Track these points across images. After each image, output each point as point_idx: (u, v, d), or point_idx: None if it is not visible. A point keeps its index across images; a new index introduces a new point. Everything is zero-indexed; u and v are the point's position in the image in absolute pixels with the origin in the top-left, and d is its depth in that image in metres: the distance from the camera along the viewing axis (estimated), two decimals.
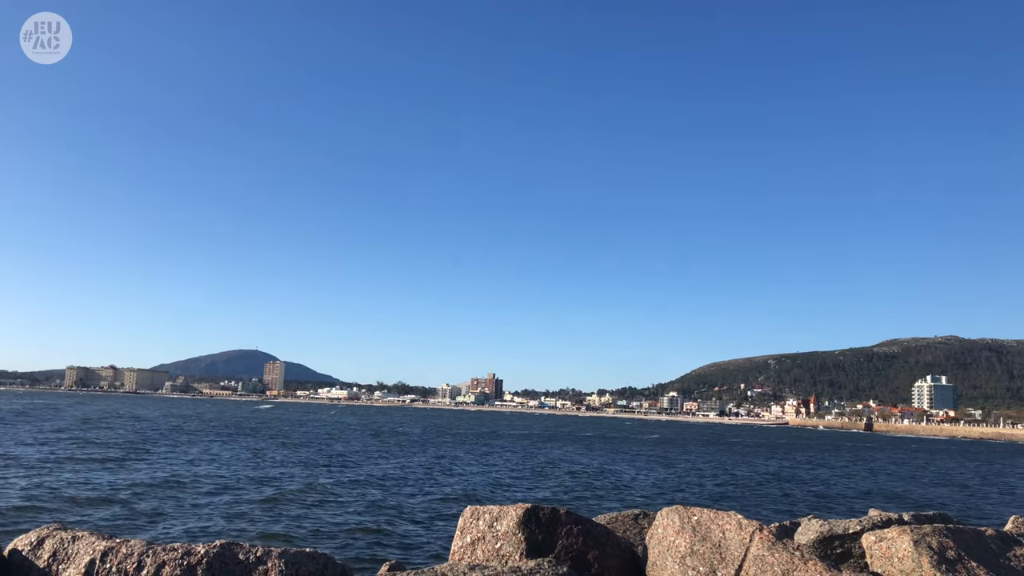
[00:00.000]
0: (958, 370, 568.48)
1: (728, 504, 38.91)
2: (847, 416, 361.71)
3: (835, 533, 9.52)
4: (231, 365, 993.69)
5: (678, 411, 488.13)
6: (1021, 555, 8.33)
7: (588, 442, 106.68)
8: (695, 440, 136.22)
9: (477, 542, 8.88)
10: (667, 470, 62.25)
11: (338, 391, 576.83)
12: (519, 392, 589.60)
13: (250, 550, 6.12)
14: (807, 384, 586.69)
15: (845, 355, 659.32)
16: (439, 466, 54.50)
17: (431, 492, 38.30)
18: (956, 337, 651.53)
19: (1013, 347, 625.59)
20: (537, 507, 8.96)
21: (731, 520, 8.21)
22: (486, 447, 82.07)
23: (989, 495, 53.66)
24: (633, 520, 10.87)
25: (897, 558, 7.83)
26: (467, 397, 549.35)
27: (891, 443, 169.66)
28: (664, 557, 8.47)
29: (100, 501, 29.79)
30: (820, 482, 57.69)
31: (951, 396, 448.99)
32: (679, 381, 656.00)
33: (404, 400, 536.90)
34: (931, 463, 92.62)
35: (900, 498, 48.39)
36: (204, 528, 24.70)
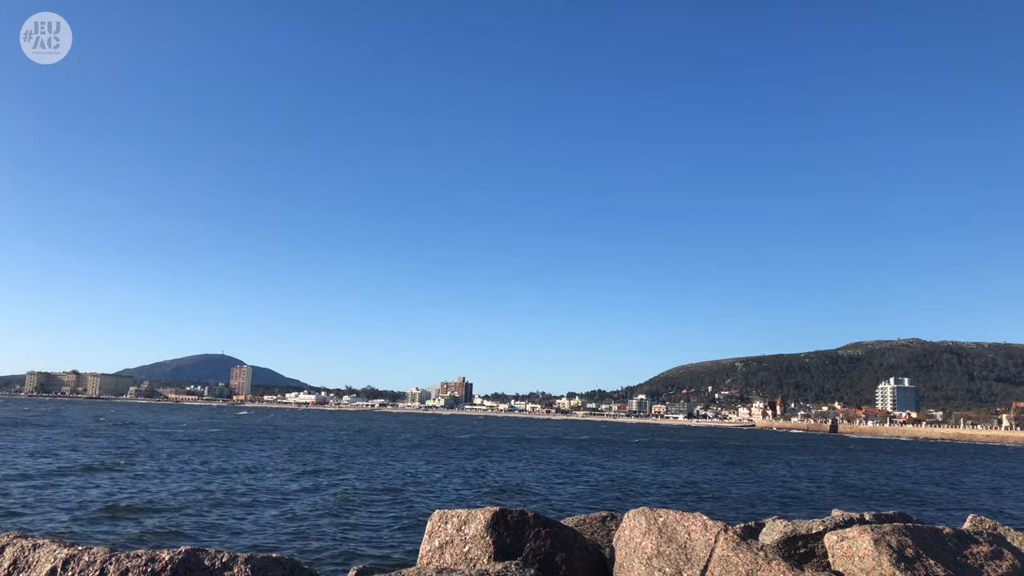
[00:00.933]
0: (920, 372, 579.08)
1: (696, 505, 39.25)
2: (813, 418, 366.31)
3: (799, 533, 9.66)
4: (197, 370, 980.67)
5: (647, 414, 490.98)
6: (977, 553, 8.53)
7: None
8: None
9: (445, 546, 8.89)
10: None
11: (306, 395, 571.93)
12: (489, 396, 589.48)
13: (216, 555, 6.08)
14: (774, 386, 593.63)
15: (811, 358, 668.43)
16: (424, 468, 54.34)
17: (410, 496, 38.16)
18: (918, 340, 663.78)
19: (973, 349, 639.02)
20: (505, 510, 9.00)
21: (696, 521, 8.31)
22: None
23: (948, 495, 54.69)
24: (601, 522, 10.95)
25: (858, 557, 7.98)
26: (437, 401, 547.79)
27: (855, 444, 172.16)
28: (631, 558, 8.54)
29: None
30: (785, 483, 58.38)
31: (913, 398, 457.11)
32: (648, 384, 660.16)
33: (373, 404, 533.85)
34: (894, 464, 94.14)
35: (863, 498, 49.13)
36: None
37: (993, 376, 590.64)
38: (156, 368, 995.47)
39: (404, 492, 40.26)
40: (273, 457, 62.60)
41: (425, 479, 48.41)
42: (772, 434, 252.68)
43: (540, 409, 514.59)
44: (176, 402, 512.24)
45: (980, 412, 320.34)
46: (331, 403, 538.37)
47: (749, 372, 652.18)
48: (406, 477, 49.07)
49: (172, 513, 29.29)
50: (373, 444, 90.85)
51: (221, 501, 33.24)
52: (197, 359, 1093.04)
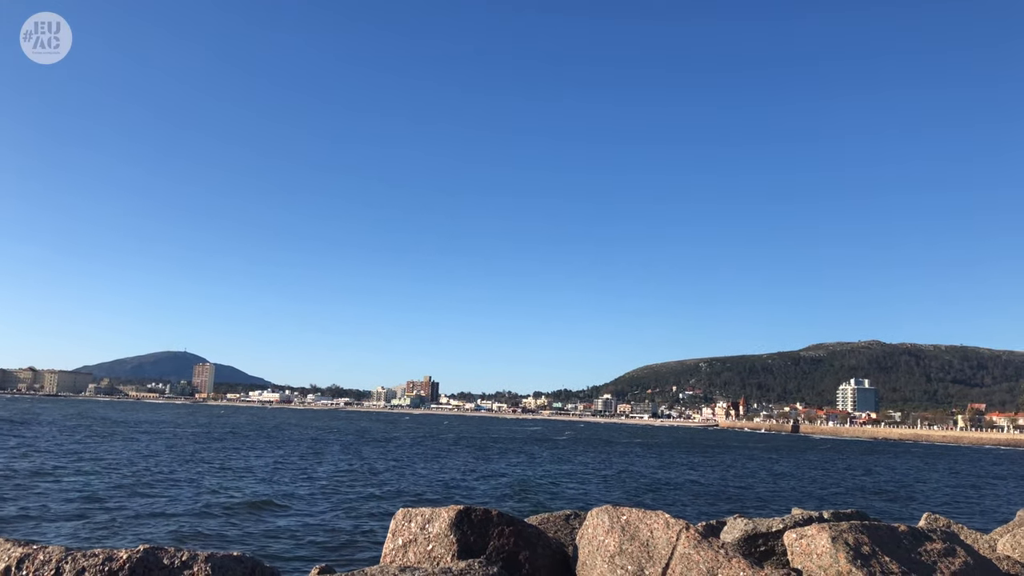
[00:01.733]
0: (880, 373, 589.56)
1: (660, 504, 39.57)
2: (775, 418, 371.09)
3: (759, 531, 9.81)
4: (159, 367, 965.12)
5: (612, 413, 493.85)
6: (931, 550, 8.72)
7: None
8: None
9: (409, 544, 8.87)
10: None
11: (270, 394, 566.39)
12: (455, 395, 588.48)
13: (175, 554, 6.00)
14: (737, 387, 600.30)
15: (773, 359, 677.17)
16: (398, 468, 54.06)
17: (373, 494, 37.95)
18: (878, 342, 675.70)
19: (930, 351, 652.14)
20: (470, 509, 9.01)
21: (659, 519, 8.39)
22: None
23: (905, 494, 55.76)
24: (564, 520, 11.01)
25: (816, 554, 8.12)
26: (402, 400, 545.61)
27: (816, 444, 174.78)
28: (594, 557, 8.60)
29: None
30: (747, 482, 59.08)
31: (873, 398, 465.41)
32: (613, 383, 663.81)
33: (338, 403, 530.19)
34: (853, 463, 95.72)
35: (822, 497, 49.90)
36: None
37: (949, 378, 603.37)
38: (116, 365, 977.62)
39: (377, 487, 40.06)
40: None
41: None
42: (735, 434, 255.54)
43: (507, 408, 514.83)
44: (137, 399, 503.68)
45: (937, 413, 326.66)
46: (295, 402, 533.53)
47: (713, 372, 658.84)
48: (383, 474, 48.83)
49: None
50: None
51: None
52: (159, 356, 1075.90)
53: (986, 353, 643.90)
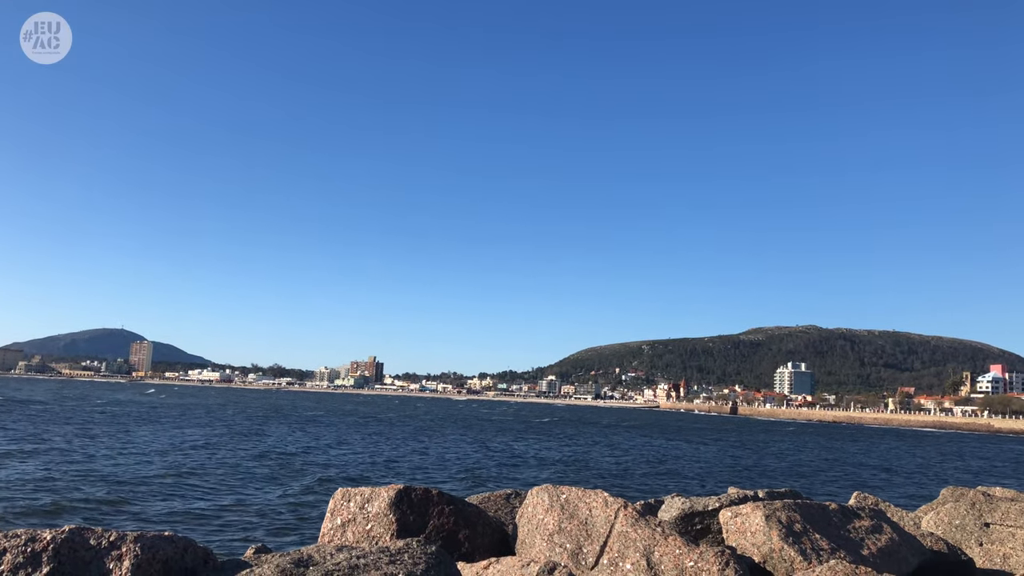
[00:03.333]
0: (816, 357, 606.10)
1: (600, 482, 40.10)
2: (714, 400, 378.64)
3: (695, 510, 9.96)
4: (94, 344, 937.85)
5: (556, 394, 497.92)
6: (859, 527, 8.99)
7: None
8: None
9: (347, 524, 8.79)
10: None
11: (210, 373, 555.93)
12: (400, 375, 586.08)
13: (103, 535, 5.81)
14: (678, 369, 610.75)
15: (714, 342, 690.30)
16: (330, 444, 53.57)
17: (311, 475, 37.59)
18: (815, 326, 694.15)
19: (864, 336, 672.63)
20: (409, 488, 8.96)
21: (597, 498, 8.46)
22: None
23: (838, 473, 57.57)
24: (505, 500, 11.04)
25: (750, 532, 8.29)
26: (346, 380, 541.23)
27: (754, 425, 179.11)
28: (533, 535, 8.64)
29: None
30: (686, 462, 60.25)
31: (809, 382, 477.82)
32: (558, 365, 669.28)
33: (280, 383, 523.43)
34: (789, 444, 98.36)
35: (758, 477, 51.20)
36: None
37: (882, 362, 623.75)
38: (49, 342, 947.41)
39: (311, 467, 39.70)
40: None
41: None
42: (676, 415, 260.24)
43: (452, 389, 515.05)
44: (70, 378, 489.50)
45: (869, 396, 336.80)
46: (236, 381, 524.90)
47: (655, 355, 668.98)
48: (314, 452, 48.39)
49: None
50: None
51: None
52: (94, 333, 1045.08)
53: (916, 339, 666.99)
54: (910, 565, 8.80)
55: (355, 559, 5.99)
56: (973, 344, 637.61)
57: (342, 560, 5.98)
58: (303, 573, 5.71)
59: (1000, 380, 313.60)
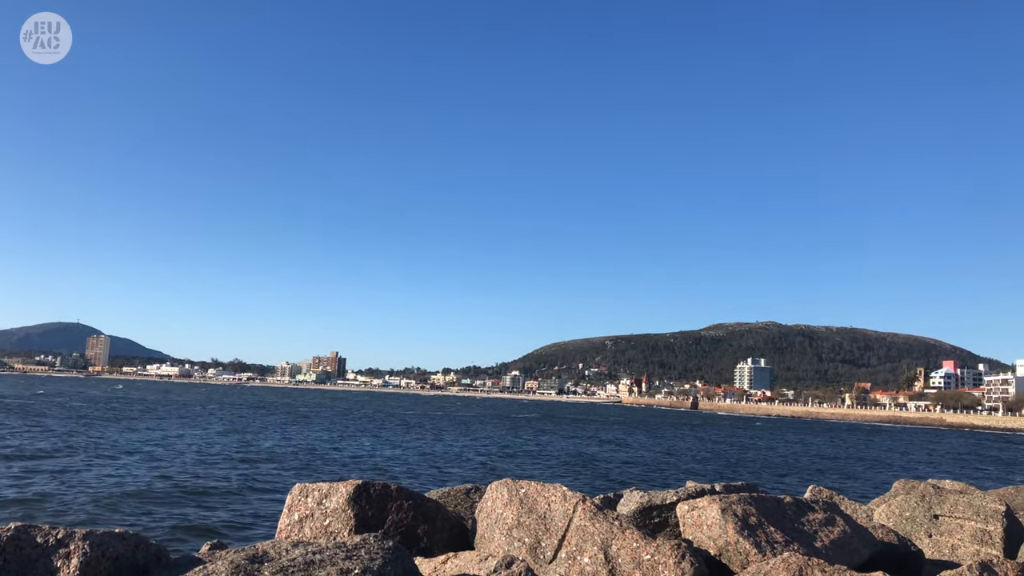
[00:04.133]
0: (775, 353, 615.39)
1: (561, 477, 40.27)
2: (675, 395, 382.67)
3: (654, 504, 10.05)
4: (48, 339, 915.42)
5: (520, 390, 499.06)
6: (813, 520, 9.15)
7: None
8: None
9: (305, 519, 8.73)
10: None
11: (169, 368, 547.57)
12: (362, 371, 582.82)
13: (50, 532, 5.68)
14: (640, 364, 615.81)
15: (676, 338, 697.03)
16: (297, 442, 53.04)
17: (275, 470, 37.21)
18: (775, 323, 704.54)
19: (823, 333, 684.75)
20: (368, 483, 8.92)
21: (556, 492, 8.50)
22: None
23: (794, 467, 58.52)
24: (465, 494, 11.03)
25: (706, 525, 8.39)
26: (308, 376, 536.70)
27: (714, 420, 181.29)
28: (492, 529, 8.65)
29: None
30: (647, 457, 60.78)
31: (768, 377, 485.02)
32: (521, 360, 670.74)
33: (241, 378, 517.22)
34: (748, 439, 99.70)
35: (717, 471, 51.83)
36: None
37: (839, 358, 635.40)
38: (1, 336, 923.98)
39: (276, 463, 39.29)
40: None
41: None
42: (637, 410, 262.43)
43: (415, 384, 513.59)
44: (24, 373, 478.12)
45: (827, 391, 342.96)
46: (196, 376, 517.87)
47: (618, 350, 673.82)
48: (277, 449, 47.88)
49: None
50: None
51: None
52: (48, 327, 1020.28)
53: (873, 335, 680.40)
54: (862, 556, 8.97)
55: (311, 555, 5.94)
56: (927, 341, 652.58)
57: (297, 556, 5.92)
58: (257, 569, 5.64)
59: (952, 376, 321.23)
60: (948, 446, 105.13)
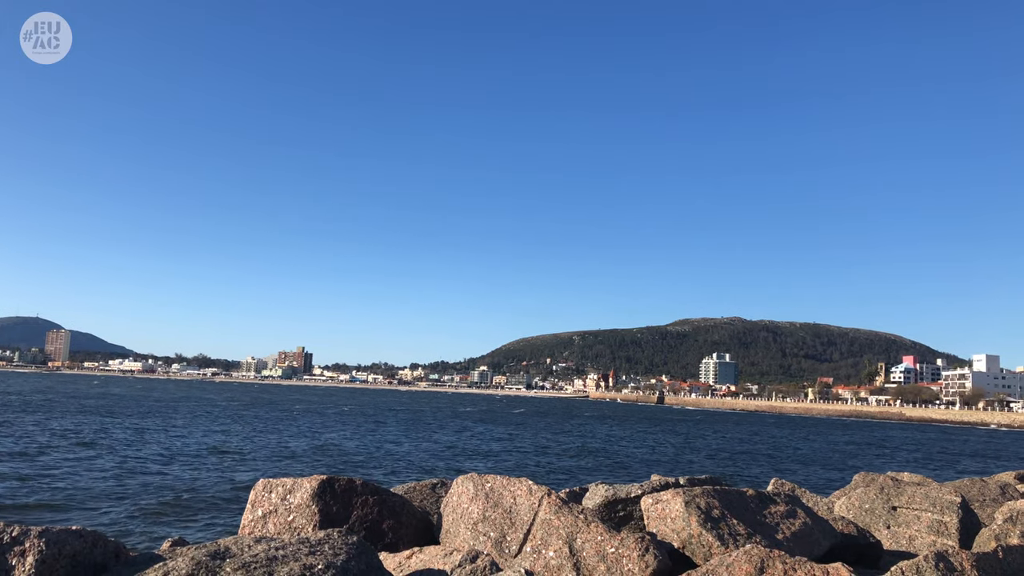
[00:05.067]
0: (740, 348, 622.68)
1: (527, 471, 40.38)
2: (642, 389, 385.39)
3: (618, 497, 10.11)
4: (7, 333, 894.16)
5: (488, 385, 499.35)
6: (775, 512, 9.27)
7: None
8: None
9: (269, 515, 8.65)
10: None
11: (132, 363, 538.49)
12: (329, 366, 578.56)
13: (4, 530, 5.56)
14: (607, 359, 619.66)
15: (642, 333, 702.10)
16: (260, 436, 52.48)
17: (236, 467, 36.81)
18: (740, 318, 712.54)
19: (786, 328, 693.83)
20: (333, 478, 8.86)
21: (522, 486, 8.52)
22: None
23: (758, 460, 59.28)
24: (431, 489, 11.01)
25: (670, 518, 8.45)
26: (274, 371, 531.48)
27: (680, 415, 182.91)
28: (457, 524, 8.65)
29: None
30: (613, 450, 61.17)
31: (733, 372, 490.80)
32: (490, 356, 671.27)
33: (205, 373, 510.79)
34: (713, 433, 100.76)
35: (681, 464, 52.34)
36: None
37: (802, 353, 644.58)
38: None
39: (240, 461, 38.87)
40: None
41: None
42: (604, 404, 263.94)
43: (383, 380, 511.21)
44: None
45: (790, 386, 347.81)
46: (159, 371, 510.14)
47: (586, 345, 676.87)
48: (247, 446, 47.38)
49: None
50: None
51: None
52: (7, 322, 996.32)
53: (835, 331, 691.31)
54: (822, 548, 9.11)
55: (274, 550, 5.89)
56: (888, 336, 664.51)
57: (260, 552, 5.87)
58: (219, 566, 5.58)
59: (912, 371, 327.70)
60: (907, 439, 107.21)
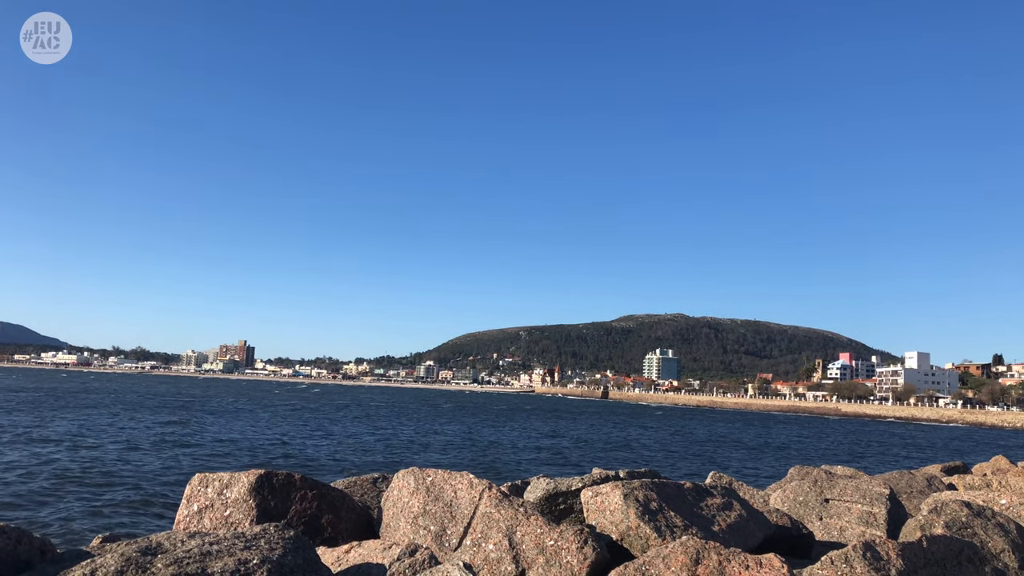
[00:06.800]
0: (683, 344, 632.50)
1: (471, 466, 40.39)
2: (587, 385, 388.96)
3: (559, 490, 10.20)
4: None
5: (434, 379, 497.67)
6: (711, 504, 9.46)
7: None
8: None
9: (204, 510, 8.50)
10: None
11: (66, 355, 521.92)
12: (272, 360, 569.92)
13: None
14: (553, 355, 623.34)
15: (588, 328, 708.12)
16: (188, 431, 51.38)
17: (176, 461, 36.02)
18: (682, 315, 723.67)
19: (728, 325, 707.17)
20: (271, 473, 8.75)
21: (463, 480, 8.53)
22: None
23: (697, 454, 60.33)
24: (372, 483, 10.96)
25: (609, 511, 8.55)
26: (215, 365, 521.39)
27: (623, 409, 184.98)
28: (398, 518, 8.62)
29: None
30: (557, 445, 61.58)
31: (676, 367, 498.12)
32: (436, 350, 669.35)
33: (144, 367, 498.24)
34: (654, 427, 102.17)
35: (623, 458, 52.96)
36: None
37: (743, 350, 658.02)
38: None
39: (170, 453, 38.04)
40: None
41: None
42: (550, 399, 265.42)
43: (326, 374, 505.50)
44: None
45: (731, 382, 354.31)
46: (95, 364, 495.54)
47: (532, 340, 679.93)
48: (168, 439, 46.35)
49: None
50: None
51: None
52: None
53: (775, 328, 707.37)
54: (756, 539, 9.32)
55: (207, 545, 5.79)
56: (825, 333, 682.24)
57: (193, 547, 5.76)
58: (150, 562, 5.45)
59: (848, 367, 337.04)
60: (842, 434, 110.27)
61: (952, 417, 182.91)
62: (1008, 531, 8.32)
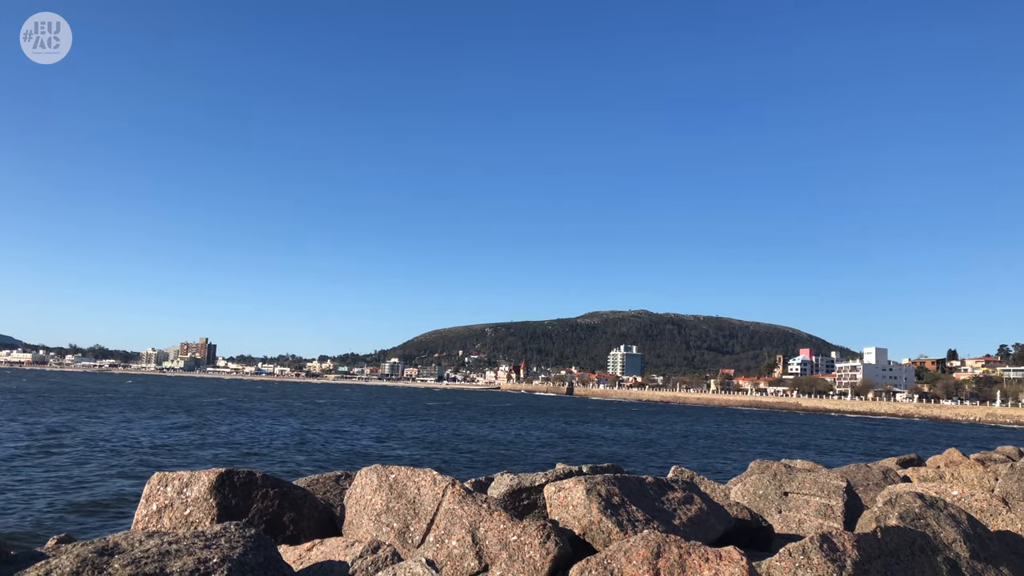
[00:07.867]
0: (646, 341, 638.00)
1: (434, 462, 40.31)
2: (552, 381, 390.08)
3: (523, 486, 10.23)
4: None
5: (399, 377, 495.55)
6: (673, 499, 9.57)
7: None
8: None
9: (164, 510, 8.38)
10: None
11: (20, 353, 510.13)
12: (234, 358, 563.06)
13: None
14: (519, 351, 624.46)
15: (553, 325, 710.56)
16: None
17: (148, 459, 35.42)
18: (646, 311, 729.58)
19: (690, 321, 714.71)
20: (232, 471, 8.66)
21: (426, 476, 8.53)
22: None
23: (659, 449, 60.88)
24: (335, 481, 10.90)
25: (572, 505, 8.61)
26: (176, 362, 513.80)
27: (588, 405, 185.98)
28: (360, 515, 8.59)
29: None
30: (521, 441, 61.73)
31: (640, 363, 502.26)
32: (401, 347, 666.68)
33: (102, 365, 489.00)
34: (618, 422, 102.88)
35: (586, 454, 53.27)
36: None
37: (706, 346, 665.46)
38: None
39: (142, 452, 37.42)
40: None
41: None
42: (515, 396, 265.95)
43: (290, 372, 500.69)
44: None
45: (693, 377, 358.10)
46: (52, 363, 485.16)
47: (498, 337, 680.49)
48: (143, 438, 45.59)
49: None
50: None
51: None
52: None
53: (737, 324, 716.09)
54: (717, 532, 9.45)
55: (166, 545, 5.71)
56: (786, 329, 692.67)
57: (152, 547, 5.68)
58: (106, 562, 5.37)
59: (808, 363, 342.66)
60: (802, 428, 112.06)
61: (909, 412, 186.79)
62: (959, 521, 8.53)
